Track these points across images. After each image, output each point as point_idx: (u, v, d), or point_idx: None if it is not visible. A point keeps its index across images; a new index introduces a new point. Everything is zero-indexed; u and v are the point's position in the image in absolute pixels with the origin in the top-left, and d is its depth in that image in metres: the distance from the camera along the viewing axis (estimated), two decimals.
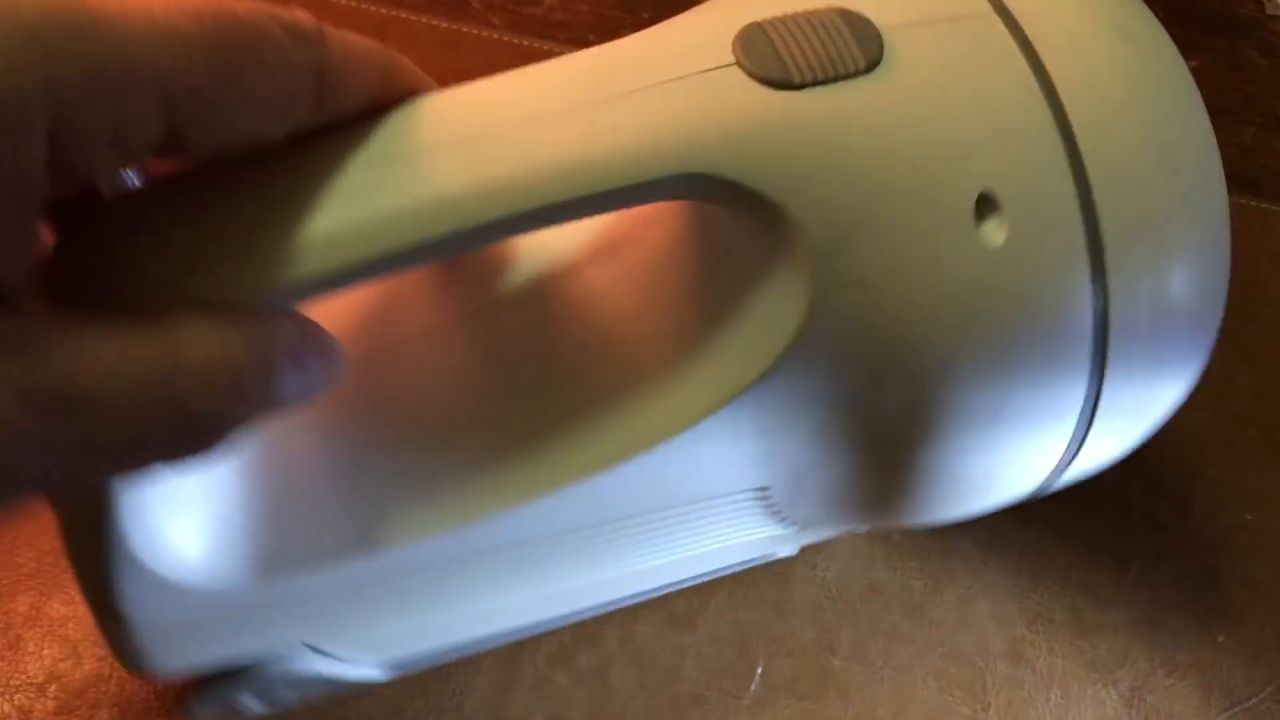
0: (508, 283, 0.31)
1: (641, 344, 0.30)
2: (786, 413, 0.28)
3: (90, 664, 0.35)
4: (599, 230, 0.31)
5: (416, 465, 0.29)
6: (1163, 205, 0.27)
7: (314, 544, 0.28)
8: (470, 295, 0.31)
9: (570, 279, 0.31)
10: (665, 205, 0.30)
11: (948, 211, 0.26)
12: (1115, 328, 0.27)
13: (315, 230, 0.23)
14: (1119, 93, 0.27)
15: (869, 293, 0.26)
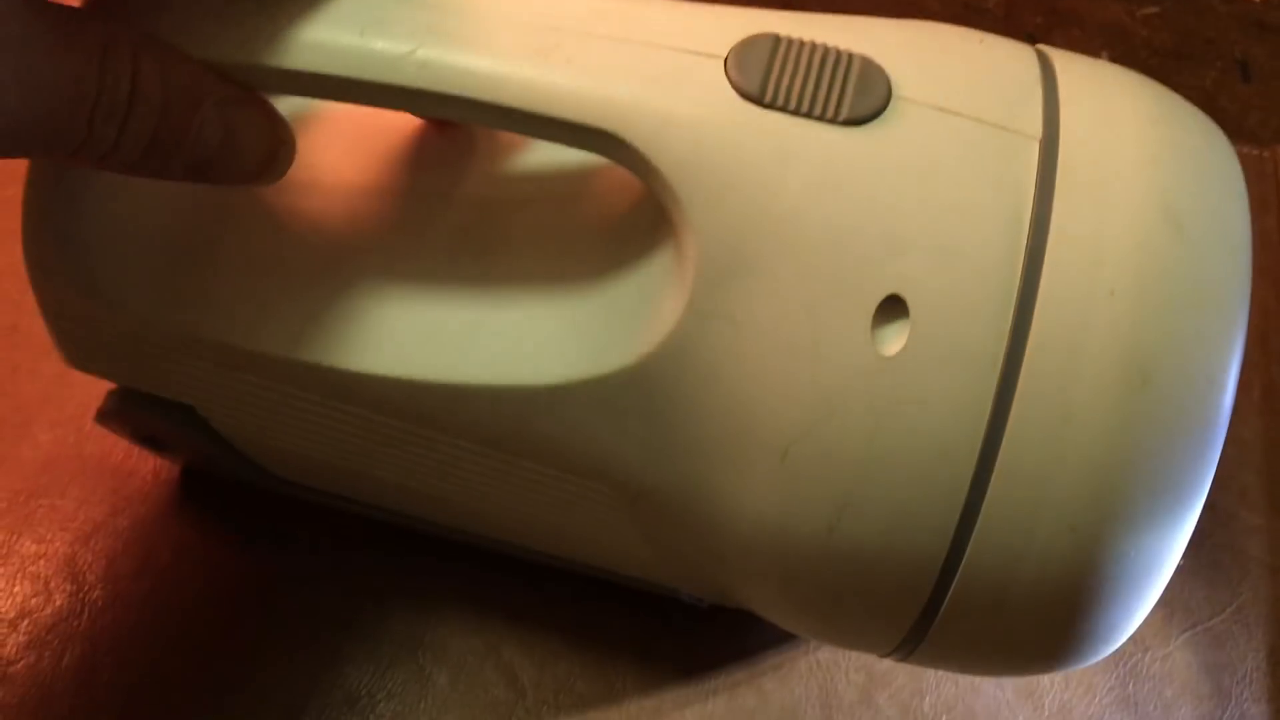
0: (489, 177, 0.32)
1: (536, 288, 0.30)
2: (637, 418, 0.28)
3: (61, 600, 0.35)
4: (584, 169, 0.31)
5: (319, 287, 0.31)
6: (1105, 427, 0.24)
7: (211, 312, 0.30)
8: (450, 176, 0.32)
9: (537, 200, 0.31)
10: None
11: (847, 294, 0.25)
12: (980, 528, 0.25)
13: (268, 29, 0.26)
14: (1121, 283, 0.24)
15: (738, 335, 0.26)
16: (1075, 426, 0.24)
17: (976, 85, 0.26)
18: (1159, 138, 0.26)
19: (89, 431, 0.38)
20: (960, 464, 0.25)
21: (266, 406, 0.32)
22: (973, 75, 0.27)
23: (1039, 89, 0.27)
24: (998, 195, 0.25)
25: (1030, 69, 0.27)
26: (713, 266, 0.26)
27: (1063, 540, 0.25)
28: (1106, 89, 0.27)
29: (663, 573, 0.34)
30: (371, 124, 0.33)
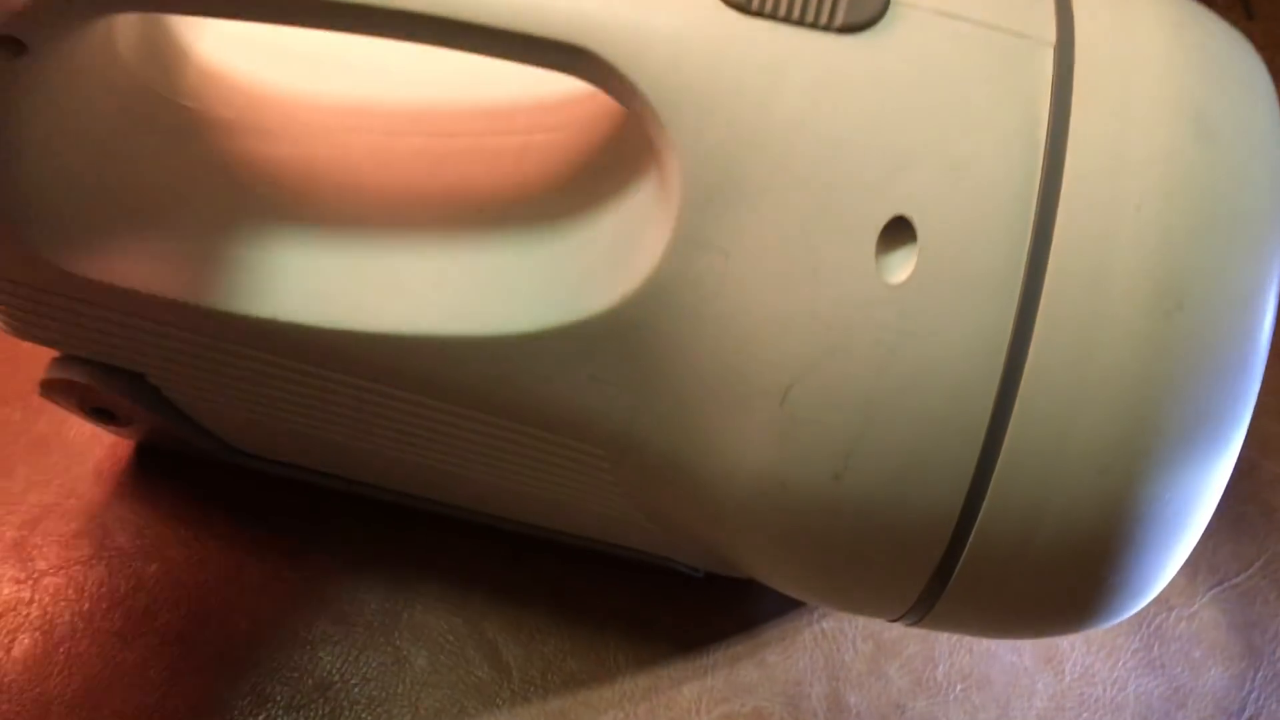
0: (446, 115, 0.29)
1: (503, 231, 0.28)
2: (621, 367, 0.26)
3: (8, 589, 0.32)
4: (564, 103, 0.29)
5: (268, 236, 0.28)
6: (1134, 358, 0.22)
7: (155, 266, 0.28)
8: (404, 117, 0.30)
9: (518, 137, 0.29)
10: (611, 103, 0.28)
11: (849, 218, 0.23)
12: (1000, 473, 0.23)
13: None
14: (1147, 198, 0.22)
15: (729, 266, 0.24)
16: (1102, 357, 0.22)
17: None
18: (1183, 42, 0.24)
19: (37, 408, 0.36)
20: (977, 401, 0.23)
21: (221, 370, 0.29)
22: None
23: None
24: (1010, 104, 0.23)
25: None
26: (700, 192, 0.23)
27: (1090, 483, 0.23)
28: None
29: (654, 540, 0.32)
30: (315, 60, 0.31)
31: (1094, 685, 0.34)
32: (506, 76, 0.29)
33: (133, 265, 0.28)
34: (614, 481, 0.28)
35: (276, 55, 0.30)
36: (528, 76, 0.29)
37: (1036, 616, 0.26)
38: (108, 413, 0.32)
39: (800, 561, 0.26)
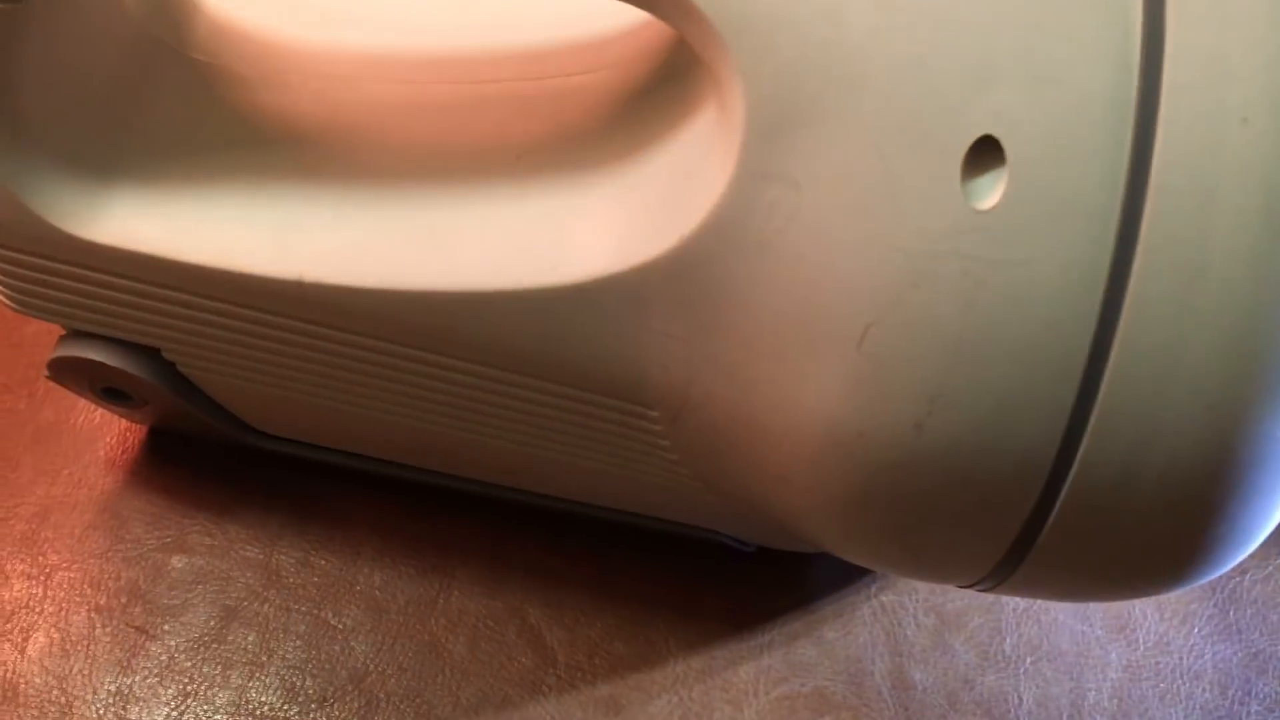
0: (476, 62, 0.27)
1: (549, 178, 0.26)
2: (679, 316, 0.24)
3: (19, 585, 0.31)
4: (598, 43, 0.27)
5: (294, 191, 0.26)
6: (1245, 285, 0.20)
7: (171, 228, 0.26)
8: (435, 64, 0.28)
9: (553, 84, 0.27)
10: (653, 38, 0.26)
11: (931, 139, 0.21)
12: (1099, 414, 0.21)
13: None
14: (1254, 107, 0.20)
15: (799, 198, 0.22)
16: (1210, 284, 0.20)
17: None
18: None
19: (43, 394, 0.34)
20: (1074, 336, 0.21)
21: (242, 341, 0.27)
22: None
23: None
24: (1100, 11, 0.21)
25: None
26: (766, 119, 0.21)
27: (1198, 422, 0.21)
28: None
29: (703, 512, 0.30)
30: (331, 12, 0.29)
31: (1169, 654, 0.32)
32: (531, 22, 0.27)
33: (145, 228, 0.26)
34: (669, 446, 0.27)
35: (290, 7, 0.28)
36: (554, 20, 0.27)
37: (1129, 574, 0.24)
38: (120, 393, 0.30)
39: (875, 523, 0.24)
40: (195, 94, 0.27)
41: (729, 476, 0.27)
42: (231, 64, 0.28)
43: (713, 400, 0.25)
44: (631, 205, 0.24)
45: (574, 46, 0.27)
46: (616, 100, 0.26)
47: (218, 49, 0.28)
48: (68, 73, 0.25)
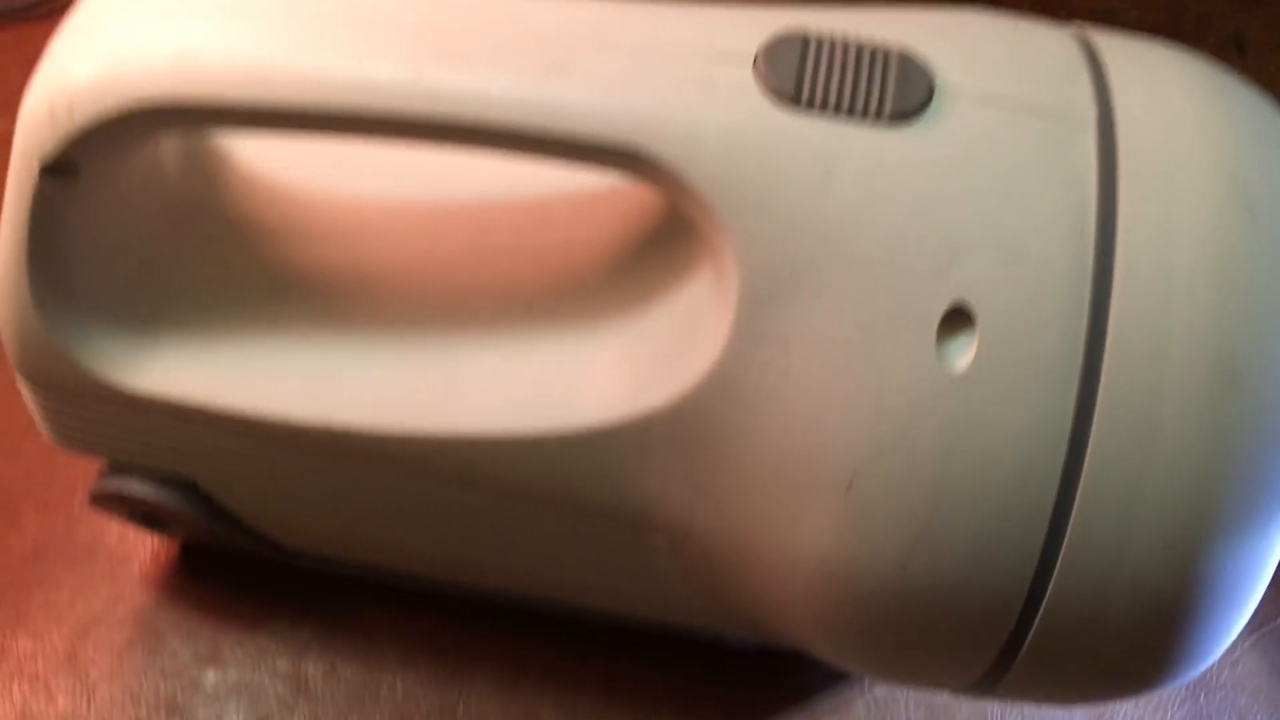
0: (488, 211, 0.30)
1: (557, 327, 0.28)
2: (682, 458, 0.26)
3: (63, 700, 0.33)
4: (605, 196, 0.29)
5: (324, 341, 0.28)
6: (1195, 432, 0.22)
7: (210, 376, 0.28)
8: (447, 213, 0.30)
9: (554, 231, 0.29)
10: (655, 196, 0.28)
11: (908, 308, 0.23)
12: (1066, 553, 0.23)
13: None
14: (1198, 273, 0.22)
15: (790, 358, 0.24)
16: (1164, 434, 0.23)
17: (1022, 71, 0.25)
18: (1219, 115, 0.24)
19: (79, 514, 0.36)
20: (1042, 484, 0.23)
21: (276, 476, 0.29)
22: (1015, 61, 0.25)
23: (1085, 71, 0.25)
24: (1059, 188, 0.23)
25: (1072, 50, 0.25)
26: (758, 286, 0.24)
27: (1156, 558, 0.23)
28: (1155, 67, 0.25)
29: (710, 619, 0.32)
30: (355, 161, 0.31)
31: None
32: (543, 171, 0.30)
33: (183, 376, 0.28)
34: (674, 566, 0.29)
35: (316, 158, 0.31)
36: (563, 173, 0.29)
37: (1101, 685, 0.26)
38: (157, 519, 0.32)
39: (867, 644, 0.26)
40: (230, 247, 0.29)
41: (730, 596, 0.29)
42: (263, 217, 0.30)
43: (713, 531, 0.27)
44: (637, 356, 0.26)
45: (581, 200, 0.29)
46: (620, 253, 0.28)
47: (250, 203, 0.30)
48: (113, 236, 0.28)
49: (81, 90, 0.24)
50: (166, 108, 0.24)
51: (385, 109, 0.24)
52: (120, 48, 0.24)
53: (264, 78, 0.24)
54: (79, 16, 0.26)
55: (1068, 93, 0.24)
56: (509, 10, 0.25)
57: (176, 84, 0.24)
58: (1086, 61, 0.25)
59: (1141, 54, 0.26)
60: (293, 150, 0.31)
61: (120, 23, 0.25)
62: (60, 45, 0.25)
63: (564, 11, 0.25)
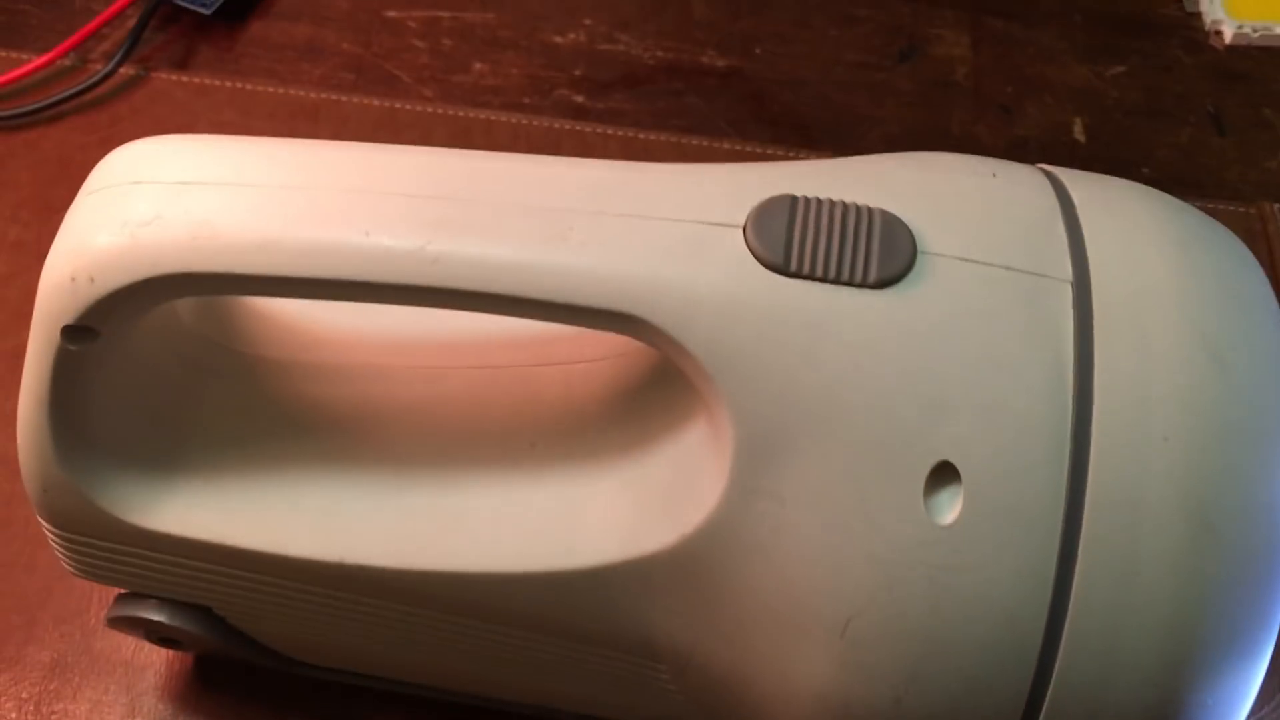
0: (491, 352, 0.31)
1: (560, 468, 0.29)
2: (682, 596, 0.27)
3: None
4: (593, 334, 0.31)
5: (335, 480, 0.30)
6: (1173, 577, 0.24)
7: (226, 516, 0.29)
8: (450, 353, 0.31)
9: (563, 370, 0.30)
10: None
11: (896, 465, 0.24)
12: (1053, 694, 0.24)
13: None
14: (1172, 424, 0.24)
15: (785, 511, 0.25)
16: (1143, 579, 0.24)
17: (999, 229, 0.26)
18: (1188, 265, 0.26)
19: (95, 626, 0.37)
20: (1029, 629, 0.24)
21: (291, 605, 0.30)
22: (993, 218, 0.26)
23: (1060, 224, 0.26)
24: (1038, 345, 0.24)
25: (1047, 200, 0.27)
26: (752, 444, 0.25)
27: (1140, 697, 0.24)
28: (1126, 215, 0.27)
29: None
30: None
31: None
32: None
33: (200, 516, 0.29)
34: (675, 690, 0.30)
35: None
36: None
37: None
38: (173, 639, 0.33)
39: None
40: (243, 387, 0.30)
41: (731, 717, 0.30)
42: (274, 355, 0.31)
43: (714, 662, 0.28)
44: (637, 499, 0.28)
45: (581, 337, 0.30)
46: (619, 391, 0.29)
47: (259, 341, 0.31)
48: (130, 386, 0.29)
49: (102, 261, 0.25)
50: (186, 278, 0.25)
51: (394, 279, 0.25)
52: (139, 219, 0.25)
53: (278, 249, 0.25)
54: (96, 185, 0.27)
55: (1045, 252, 0.25)
56: (506, 178, 0.26)
57: (194, 256, 0.25)
58: (1061, 212, 0.26)
59: (1112, 199, 0.27)
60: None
61: (137, 194, 0.26)
62: (79, 214, 0.26)
63: (560, 175, 0.26)
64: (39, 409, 0.27)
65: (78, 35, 0.49)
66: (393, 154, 0.27)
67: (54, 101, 0.48)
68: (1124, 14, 0.57)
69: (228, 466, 0.30)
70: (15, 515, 0.39)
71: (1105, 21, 0.56)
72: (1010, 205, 0.26)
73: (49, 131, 0.48)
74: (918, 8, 0.56)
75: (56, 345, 0.26)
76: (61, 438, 0.28)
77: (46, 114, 0.49)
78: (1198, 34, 0.56)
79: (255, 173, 0.26)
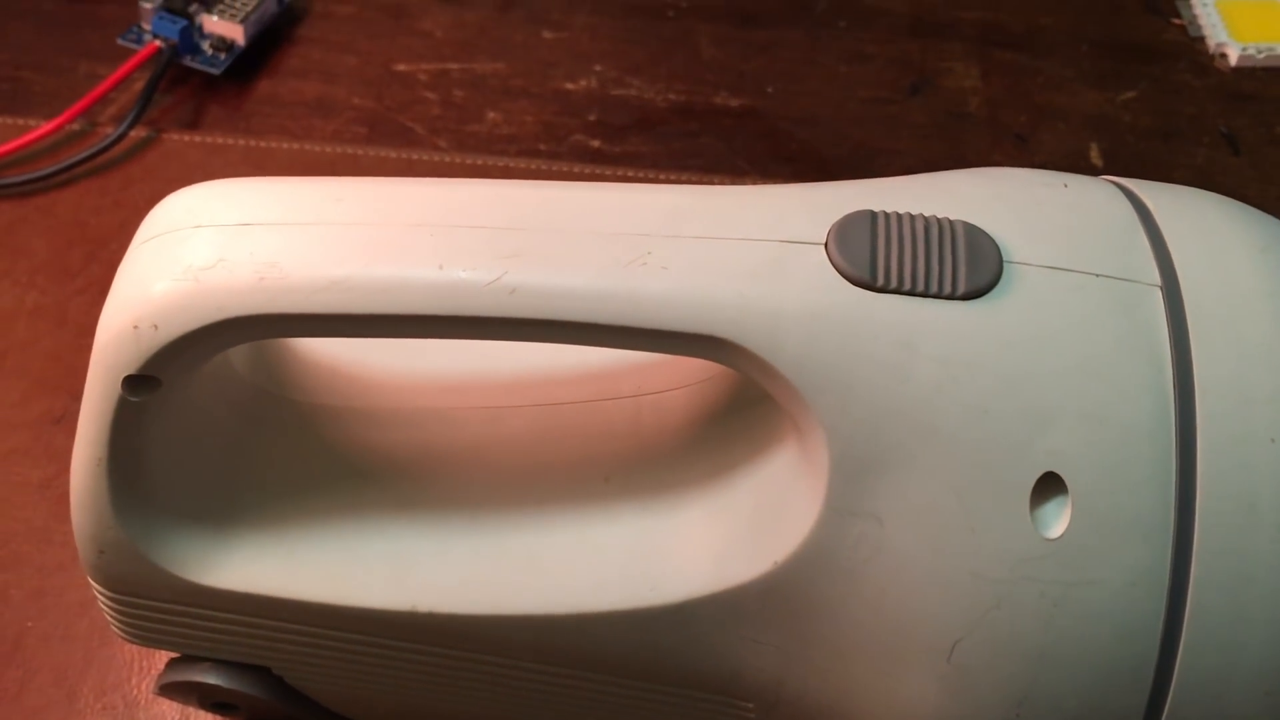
0: (555, 385, 0.30)
1: (640, 501, 0.28)
2: (772, 628, 0.26)
3: None
4: (671, 361, 0.30)
5: (403, 527, 0.29)
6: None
7: (288, 569, 0.28)
8: (511, 390, 0.31)
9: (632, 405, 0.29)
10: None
11: (1000, 478, 0.24)
12: (1171, 708, 0.24)
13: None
14: (1275, 426, 0.23)
15: (884, 531, 0.24)
16: (1259, 584, 0.23)
17: (1082, 237, 0.25)
18: (1273, 266, 0.25)
19: (138, 696, 0.36)
20: (1144, 642, 0.23)
21: (357, 661, 0.29)
22: (1074, 227, 0.26)
23: (1141, 230, 0.26)
24: (1135, 351, 0.24)
25: (1124, 208, 0.26)
26: (848, 463, 0.24)
27: (1259, 706, 0.23)
28: (1203, 220, 0.26)
29: None
30: (414, 341, 0.31)
31: None
32: None
33: (262, 570, 0.28)
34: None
35: (375, 341, 0.31)
36: None
37: None
38: (226, 705, 0.32)
39: None
40: (300, 436, 0.29)
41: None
42: (329, 402, 0.30)
43: (806, 697, 0.27)
44: (723, 528, 0.27)
45: (648, 364, 0.30)
46: (695, 420, 0.29)
47: (313, 388, 0.30)
48: (189, 438, 0.28)
49: (166, 308, 0.25)
50: (253, 320, 0.24)
51: (472, 311, 0.24)
52: (201, 263, 0.25)
53: (349, 287, 0.24)
54: (151, 233, 0.26)
55: (1130, 257, 0.25)
56: (577, 206, 0.25)
57: (262, 298, 0.24)
58: (1140, 221, 0.26)
59: (1185, 205, 0.27)
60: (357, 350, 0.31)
61: (197, 238, 0.25)
62: (136, 262, 0.26)
63: (632, 202, 0.26)
64: (96, 468, 0.26)
65: (85, 100, 0.49)
66: (457, 187, 0.26)
67: (65, 166, 0.48)
68: (1129, 41, 0.57)
69: (287, 518, 0.29)
70: (50, 585, 0.38)
71: (1111, 49, 0.57)
72: (1088, 214, 0.26)
73: (62, 196, 0.47)
74: (926, 43, 0.56)
75: (117, 397, 0.26)
76: (120, 496, 0.27)
77: (58, 179, 0.48)
78: (1203, 57, 0.56)
79: (317, 211, 0.25)
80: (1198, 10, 0.58)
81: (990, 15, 0.58)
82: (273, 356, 0.30)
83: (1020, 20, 0.58)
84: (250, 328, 0.25)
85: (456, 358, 0.31)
